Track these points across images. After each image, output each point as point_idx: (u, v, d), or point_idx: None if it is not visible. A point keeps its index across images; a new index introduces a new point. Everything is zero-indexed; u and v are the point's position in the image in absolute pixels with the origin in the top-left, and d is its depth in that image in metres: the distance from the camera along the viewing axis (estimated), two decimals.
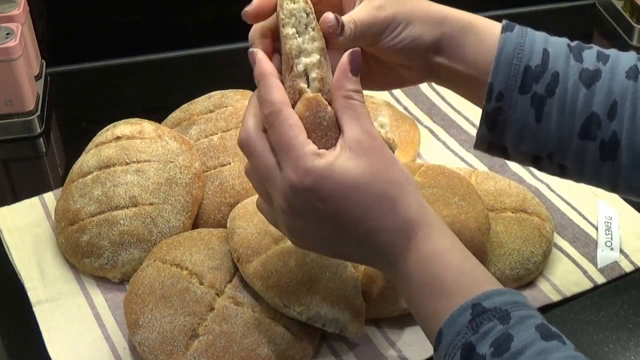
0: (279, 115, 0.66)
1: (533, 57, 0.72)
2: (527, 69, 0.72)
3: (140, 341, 0.82)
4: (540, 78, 0.72)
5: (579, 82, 0.72)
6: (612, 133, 0.71)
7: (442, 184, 0.89)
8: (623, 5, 1.32)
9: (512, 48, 0.72)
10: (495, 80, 0.72)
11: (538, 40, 0.73)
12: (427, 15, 0.73)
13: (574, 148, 0.73)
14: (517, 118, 0.73)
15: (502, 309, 0.62)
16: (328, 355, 0.85)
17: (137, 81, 1.25)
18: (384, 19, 0.71)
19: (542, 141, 0.73)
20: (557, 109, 0.72)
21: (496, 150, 0.76)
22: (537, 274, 0.91)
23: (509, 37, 0.73)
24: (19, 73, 1.08)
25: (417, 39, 0.72)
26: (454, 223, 0.85)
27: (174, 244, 0.88)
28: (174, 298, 0.83)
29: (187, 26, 1.29)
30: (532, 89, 0.72)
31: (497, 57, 0.72)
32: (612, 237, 0.95)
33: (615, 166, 0.72)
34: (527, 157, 0.76)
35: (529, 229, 0.92)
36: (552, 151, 0.74)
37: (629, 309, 0.89)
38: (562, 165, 0.75)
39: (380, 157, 0.66)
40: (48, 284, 0.92)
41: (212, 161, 0.97)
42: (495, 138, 0.75)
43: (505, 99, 0.72)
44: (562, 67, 0.72)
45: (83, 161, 0.97)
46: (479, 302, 0.62)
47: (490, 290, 0.63)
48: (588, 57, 0.73)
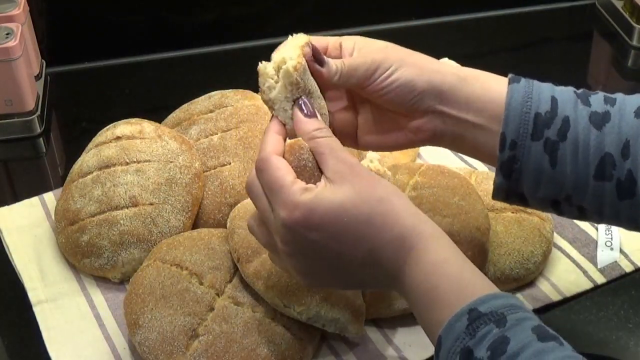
0: (267, 161, 0.69)
1: (542, 105, 0.74)
2: (537, 115, 0.73)
3: (140, 341, 0.82)
4: (551, 123, 0.73)
5: (590, 124, 0.73)
6: (627, 172, 0.72)
7: (442, 184, 0.89)
8: (623, 5, 1.32)
9: (520, 97, 0.74)
10: (507, 130, 0.74)
11: (545, 89, 0.75)
12: (419, 63, 0.75)
13: (591, 189, 0.74)
14: (532, 165, 0.74)
15: (498, 313, 0.62)
16: (328, 355, 0.85)
17: (137, 81, 1.25)
18: (372, 60, 0.74)
19: (558, 185, 0.75)
20: (571, 153, 0.73)
21: (514, 198, 0.78)
22: (537, 274, 0.91)
23: (517, 87, 0.74)
24: (19, 73, 1.08)
25: (408, 83, 0.74)
26: (453, 223, 0.86)
27: (174, 244, 0.88)
28: (174, 298, 0.83)
29: (187, 26, 1.29)
30: (544, 135, 0.73)
31: (507, 107, 0.74)
32: (612, 237, 0.95)
33: (634, 204, 0.73)
34: (545, 203, 0.77)
35: (529, 229, 0.92)
36: (570, 194, 0.75)
37: (629, 309, 0.89)
38: (581, 207, 0.76)
39: (361, 179, 0.68)
40: (48, 284, 0.92)
41: (212, 161, 0.97)
42: (512, 186, 0.76)
43: (518, 147, 0.74)
44: (571, 111, 0.74)
45: (83, 161, 0.97)
46: (475, 307, 0.62)
47: (486, 294, 0.63)
48: (595, 101, 0.75)
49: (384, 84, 0.74)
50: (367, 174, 0.69)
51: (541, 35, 1.36)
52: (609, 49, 1.35)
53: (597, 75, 1.31)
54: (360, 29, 1.33)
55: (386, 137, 0.79)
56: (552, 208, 0.78)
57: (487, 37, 1.35)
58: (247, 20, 1.30)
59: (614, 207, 0.74)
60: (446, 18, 1.36)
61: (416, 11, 1.35)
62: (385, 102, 0.76)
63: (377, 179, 0.69)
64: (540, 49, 1.33)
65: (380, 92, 0.75)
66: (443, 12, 1.35)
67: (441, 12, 1.35)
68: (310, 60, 0.73)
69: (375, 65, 0.74)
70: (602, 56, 1.35)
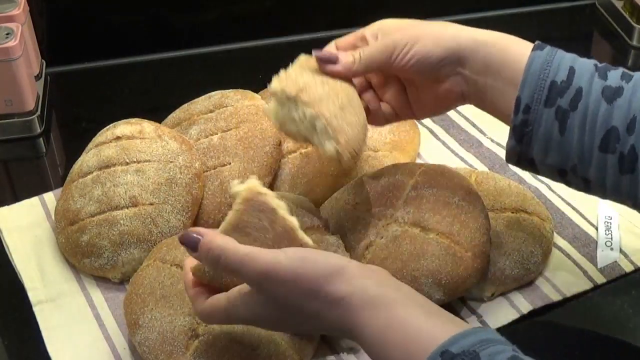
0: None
1: (559, 73, 0.76)
2: (553, 83, 0.76)
3: (140, 341, 0.82)
4: (565, 92, 0.76)
5: (601, 97, 0.75)
6: (630, 147, 0.74)
7: (442, 184, 0.89)
8: (623, 5, 1.32)
9: (540, 64, 0.77)
10: (522, 94, 0.76)
11: (566, 59, 0.78)
12: (433, 35, 0.80)
13: (595, 160, 0.75)
14: (543, 130, 0.77)
15: (470, 351, 0.62)
16: (328, 355, 0.85)
17: (137, 81, 1.25)
18: (388, 42, 0.81)
19: (565, 153, 0.77)
20: (579, 123, 0.75)
21: (525, 163, 0.81)
22: (537, 274, 0.91)
23: (539, 54, 0.78)
24: (19, 73, 1.08)
25: (425, 55, 0.79)
26: (453, 223, 0.86)
27: (174, 244, 0.88)
28: (174, 298, 0.83)
29: (187, 26, 1.29)
30: (556, 103, 0.76)
31: (526, 72, 0.76)
32: (612, 237, 0.95)
33: (633, 180, 0.75)
34: (553, 171, 0.79)
35: (529, 229, 0.92)
36: (576, 163, 0.77)
37: (629, 309, 0.89)
38: (586, 179, 0.77)
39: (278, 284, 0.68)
40: (48, 284, 0.92)
41: (212, 161, 0.97)
42: (523, 150, 0.79)
43: (531, 111, 0.76)
44: (586, 83, 0.76)
45: (83, 161, 0.97)
46: (446, 348, 0.62)
47: (455, 334, 0.63)
48: (612, 76, 0.76)
49: (403, 62, 0.80)
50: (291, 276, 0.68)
51: (541, 35, 1.36)
52: (609, 49, 1.35)
53: None
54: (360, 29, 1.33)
55: (428, 104, 0.85)
56: (560, 177, 0.80)
57: None
58: (247, 20, 1.30)
59: (616, 180, 0.76)
60: (446, 18, 1.36)
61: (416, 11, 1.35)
62: (413, 75, 0.82)
63: (311, 271, 0.68)
64: None
65: (403, 69, 0.81)
66: (443, 12, 1.35)
67: (441, 12, 1.35)
68: (322, 65, 0.81)
69: (392, 47, 0.80)
70: (602, 56, 1.35)
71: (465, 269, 0.84)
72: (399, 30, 0.81)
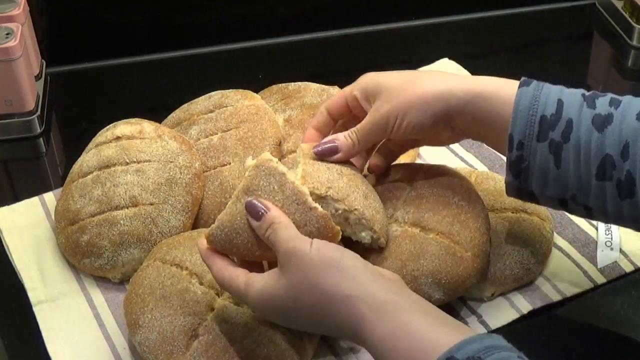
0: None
1: (548, 107, 0.77)
2: (543, 118, 0.77)
3: (140, 341, 0.82)
4: (556, 125, 0.77)
5: (592, 126, 0.76)
6: (626, 172, 0.74)
7: (442, 184, 0.89)
8: (623, 5, 1.32)
9: (528, 100, 0.77)
10: (514, 131, 0.78)
11: (553, 92, 0.78)
12: (423, 101, 0.81)
13: (594, 189, 0.76)
14: (539, 165, 0.78)
15: (475, 357, 0.62)
16: (328, 355, 0.85)
17: (137, 81, 1.25)
18: (379, 118, 0.82)
19: (564, 184, 0.77)
20: (574, 154, 0.76)
21: (526, 196, 0.82)
22: (537, 274, 0.91)
23: (526, 90, 0.78)
24: (19, 73, 1.08)
25: (417, 124, 0.81)
26: (453, 223, 0.86)
27: (174, 244, 0.88)
28: (174, 298, 0.83)
29: (187, 26, 1.29)
30: (549, 137, 0.77)
31: (515, 109, 0.77)
32: (612, 237, 0.95)
33: (634, 204, 0.75)
34: (554, 201, 0.80)
35: (529, 229, 0.92)
36: (575, 193, 0.77)
37: (629, 309, 0.89)
38: (587, 207, 0.78)
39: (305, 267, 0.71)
40: (48, 284, 0.92)
41: (212, 161, 0.97)
42: (522, 185, 0.80)
43: (525, 147, 0.77)
44: (575, 114, 0.76)
45: (83, 161, 0.97)
46: (451, 355, 0.62)
47: (460, 341, 0.63)
48: (601, 103, 0.77)
49: (398, 134, 0.82)
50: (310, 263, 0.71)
51: (541, 35, 1.36)
52: (609, 49, 1.35)
53: (597, 75, 1.31)
54: (360, 29, 1.33)
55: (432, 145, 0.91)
56: (561, 206, 0.80)
57: (487, 37, 1.35)
58: (247, 20, 1.30)
59: (616, 206, 0.76)
60: (446, 18, 1.36)
61: (416, 11, 1.35)
62: (410, 137, 0.84)
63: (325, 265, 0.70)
64: (540, 49, 1.33)
65: (400, 137, 0.83)
66: (443, 12, 1.35)
67: (441, 12, 1.35)
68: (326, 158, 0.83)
69: (385, 122, 0.82)
70: (602, 56, 1.35)
71: (465, 268, 0.84)
72: (388, 101, 0.82)
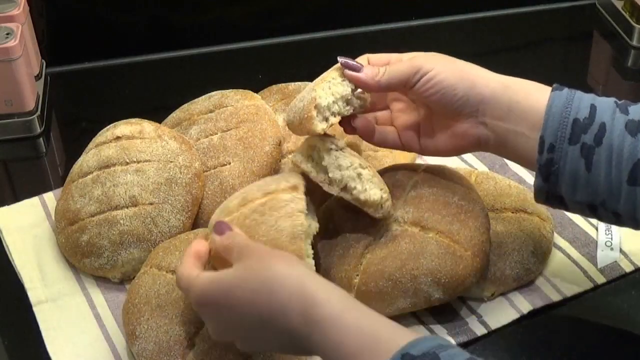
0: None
1: (581, 111, 0.77)
2: (575, 121, 0.76)
3: (138, 352, 0.82)
4: (588, 129, 0.76)
5: (625, 131, 0.75)
6: None
7: (442, 184, 0.89)
8: (623, 5, 1.32)
9: (561, 103, 0.77)
10: (545, 133, 0.77)
11: (586, 97, 0.78)
12: (461, 69, 0.80)
13: (624, 194, 0.76)
14: (569, 168, 0.77)
15: (430, 353, 0.63)
16: None
17: (137, 81, 1.25)
18: (414, 64, 0.80)
19: (594, 189, 0.77)
20: (605, 158, 0.76)
21: (554, 201, 0.80)
22: (537, 274, 0.91)
23: (559, 94, 0.78)
24: (19, 73, 1.08)
25: (450, 87, 0.79)
26: (453, 223, 0.86)
27: (169, 248, 0.88)
28: (169, 307, 0.83)
29: (187, 26, 1.29)
30: (580, 139, 0.76)
31: (547, 112, 0.77)
32: (612, 237, 0.95)
33: None
34: (583, 206, 0.79)
35: (529, 229, 0.92)
36: (605, 198, 0.77)
37: (629, 309, 0.89)
38: (616, 213, 0.77)
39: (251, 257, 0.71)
40: (48, 284, 0.92)
41: (212, 161, 0.97)
42: (551, 188, 0.79)
43: (556, 150, 0.77)
44: (608, 118, 0.76)
45: (83, 161, 0.97)
46: (407, 351, 0.63)
47: (415, 338, 0.64)
48: (634, 110, 0.77)
49: (425, 87, 0.79)
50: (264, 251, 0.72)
51: (541, 35, 1.36)
52: (609, 49, 1.35)
53: (597, 75, 1.31)
54: (361, 29, 1.33)
55: (439, 142, 0.84)
56: (590, 212, 0.80)
57: (487, 37, 1.35)
58: (247, 20, 1.30)
59: None
60: (446, 18, 1.36)
61: (416, 11, 1.35)
62: (432, 104, 0.81)
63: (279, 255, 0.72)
64: (540, 49, 1.33)
65: (423, 95, 0.80)
66: (443, 12, 1.35)
67: (441, 12, 1.35)
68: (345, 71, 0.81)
69: (418, 68, 0.79)
70: (602, 56, 1.35)
71: (465, 268, 0.84)
72: (426, 57, 0.81)
